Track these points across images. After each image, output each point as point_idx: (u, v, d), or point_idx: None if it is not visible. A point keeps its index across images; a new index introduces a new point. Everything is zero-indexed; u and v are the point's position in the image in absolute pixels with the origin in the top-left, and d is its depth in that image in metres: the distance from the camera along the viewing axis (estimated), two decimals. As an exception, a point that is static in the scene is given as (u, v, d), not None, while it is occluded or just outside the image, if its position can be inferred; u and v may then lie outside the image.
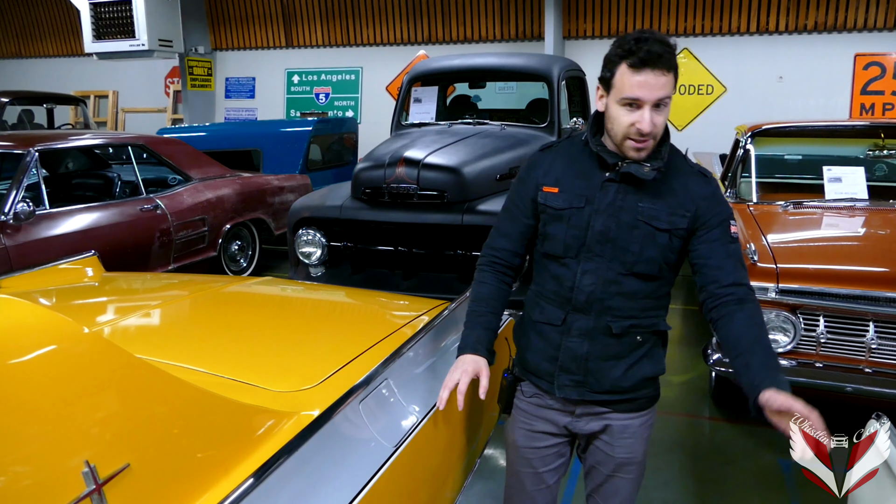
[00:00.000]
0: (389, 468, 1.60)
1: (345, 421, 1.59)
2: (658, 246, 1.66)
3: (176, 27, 9.34)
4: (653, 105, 1.56)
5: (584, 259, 1.70)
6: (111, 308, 2.50)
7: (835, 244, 3.77)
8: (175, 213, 5.45)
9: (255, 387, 1.66)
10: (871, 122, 6.36)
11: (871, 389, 3.01)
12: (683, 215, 1.65)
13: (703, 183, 1.70)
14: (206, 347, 2.01)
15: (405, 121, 5.60)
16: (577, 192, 1.70)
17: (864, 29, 8.18)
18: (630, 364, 1.72)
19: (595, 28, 9.18)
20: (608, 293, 1.68)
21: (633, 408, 1.78)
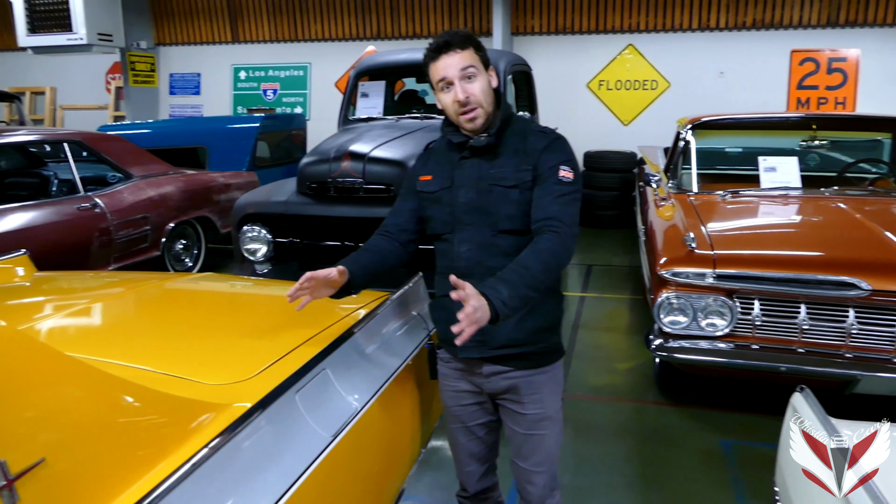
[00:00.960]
0: (327, 458, 1.59)
1: (280, 412, 1.57)
2: (513, 202, 1.85)
3: (116, 21, 9.07)
4: (461, 78, 1.82)
5: (459, 231, 1.91)
6: (41, 306, 2.41)
7: (769, 231, 3.89)
8: (115, 211, 5.31)
9: (187, 380, 1.63)
10: (804, 114, 6.58)
11: (804, 368, 3.11)
12: (526, 169, 1.84)
13: (541, 138, 1.88)
14: (140, 343, 1.96)
15: (352, 116, 5.56)
16: (445, 176, 1.95)
17: (800, 26, 8.45)
18: (521, 317, 1.82)
19: (543, 24, 9.26)
20: (486, 255, 1.86)
21: (534, 364, 1.91)
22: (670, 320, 3.30)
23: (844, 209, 3.83)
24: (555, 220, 1.77)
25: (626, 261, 6.84)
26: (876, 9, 8.15)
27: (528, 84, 6.36)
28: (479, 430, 2.06)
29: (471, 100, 1.82)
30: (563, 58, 9.24)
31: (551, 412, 1.95)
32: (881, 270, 3.03)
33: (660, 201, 4.43)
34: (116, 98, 11.31)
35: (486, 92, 1.85)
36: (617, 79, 9.16)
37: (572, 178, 1.83)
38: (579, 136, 8.89)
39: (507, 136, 1.90)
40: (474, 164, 1.91)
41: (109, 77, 11.55)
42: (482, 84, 1.84)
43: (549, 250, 1.73)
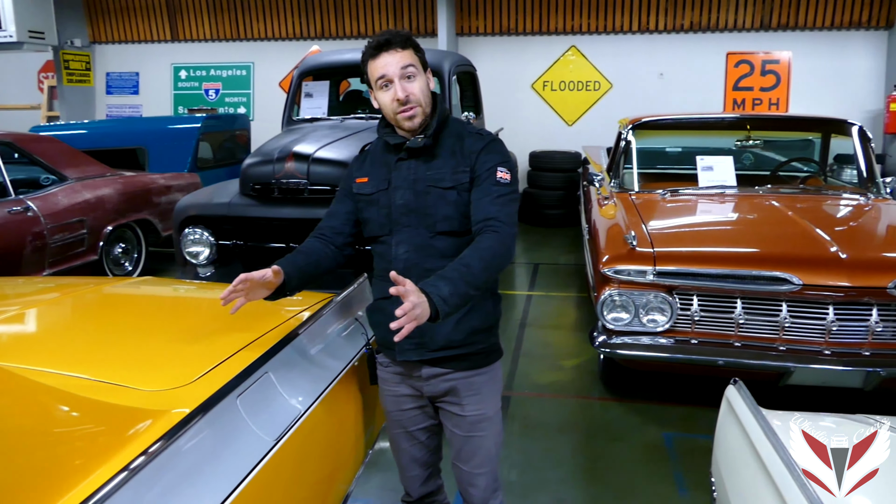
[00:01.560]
0: (269, 462, 1.58)
1: (220, 417, 1.54)
2: (450, 203, 1.86)
3: (48, 18, 8.74)
4: (401, 77, 1.82)
5: (396, 232, 1.91)
6: (-33, 314, 2.31)
7: (706, 228, 4.01)
8: (49, 215, 5.12)
9: (124, 387, 1.59)
10: (739, 115, 6.81)
11: (741, 361, 3.22)
12: (464, 171, 1.85)
13: (478, 140, 1.89)
14: (74, 351, 1.90)
15: (296, 116, 5.50)
16: (381, 177, 1.94)
17: (735, 29, 8.74)
18: (459, 318, 1.83)
19: (487, 25, 9.34)
20: (423, 256, 1.87)
21: (473, 364, 1.91)
22: (613, 317, 3.37)
23: (777, 207, 3.97)
24: (495, 221, 1.78)
25: (571, 259, 6.95)
26: (806, 13, 8.49)
27: (473, 84, 6.40)
28: (420, 435, 2.05)
29: (410, 98, 1.82)
30: (507, 58, 9.33)
31: (491, 413, 1.95)
32: (811, 265, 3.15)
33: (603, 200, 4.52)
34: (50, 97, 10.89)
35: (424, 92, 1.85)
36: (561, 80, 9.30)
37: (509, 178, 1.84)
38: (525, 136, 9.01)
39: (444, 138, 1.90)
40: (411, 165, 1.90)
41: (42, 76, 11.12)
42: (421, 84, 1.85)
43: (489, 249, 1.74)
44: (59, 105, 10.42)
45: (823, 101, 8.43)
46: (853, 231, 3.81)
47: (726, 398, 1.78)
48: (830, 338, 3.14)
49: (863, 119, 8.24)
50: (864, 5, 8.31)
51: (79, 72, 10.39)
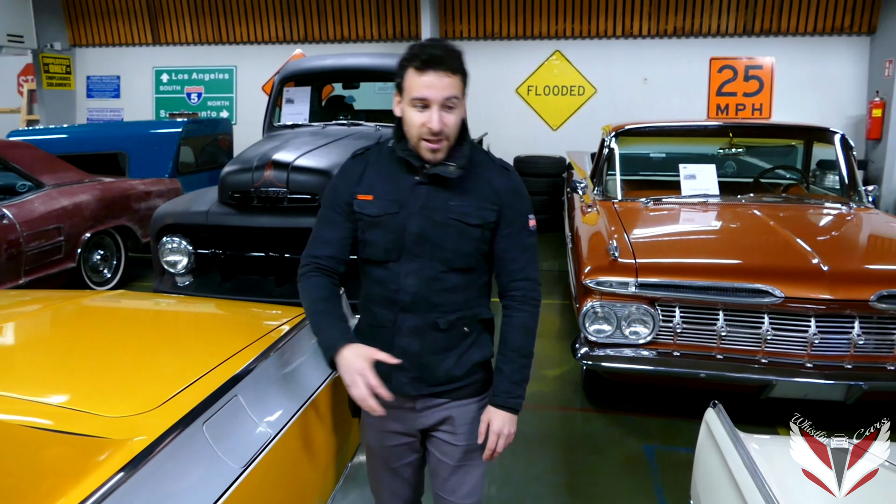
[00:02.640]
0: (237, 489, 1.53)
1: (185, 445, 1.49)
2: (472, 240, 1.75)
3: (27, 21, 8.63)
4: (441, 105, 1.64)
5: (405, 261, 1.75)
6: (-70, 332, 2.25)
7: (688, 238, 4.00)
8: (24, 222, 5.04)
9: (85, 413, 1.53)
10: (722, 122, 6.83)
11: (722, 374, 3.20)
12: (491, 209, 1.74)
13: (504, 176, 1.79)
14: (38, 371, 1.85)
15: (277, 122, 5.45)
16: (390, 198, 1.75)
17: (718, 34, 8.77)
18: (461, 353, 1.79)
19: (471, 29, 9.31)
20: (432, 291, 1.74)
21: (468, 393, 1.84)
22: (595, 329, 3.34)
23: (759, 216, 3.96)
24: (530, 282, 1.80)
25: (555, 265, 6.92)
26: (789, 18, 8.53)
27: (457, 90, 6.36)
28: (404, 471, 1.95)
29: (444, 132, 1.66)
30: (492, 63, 9.31)
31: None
32: (793, 278, 3.14)
33: (586, 208, 4.50)
34: (30, 101, 10.76)
35: (457, 125, 1.70)
36: (545, 84, 9.29)
37: (534, 226, 1.82)
38: (509, 140, 8.99)
39: (470, 168, 1.76)
40: (431, 192, 1.73)
41: (22, 79, 10.99)
42: (458, 116, 1.69)
43: (532, 318, 1.80)
44: (39, 109, 10.30)
45: (806, 106, 8.47)
46: (835, 242, 3.81)
47: (706, 421, 1.75)
48: (812, 350, 3.13)
49: (845, 124, 8.29)
50: (847, 11, 8.36)
51: (59, 75, 10.26)
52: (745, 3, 8.57)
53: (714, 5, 8.65)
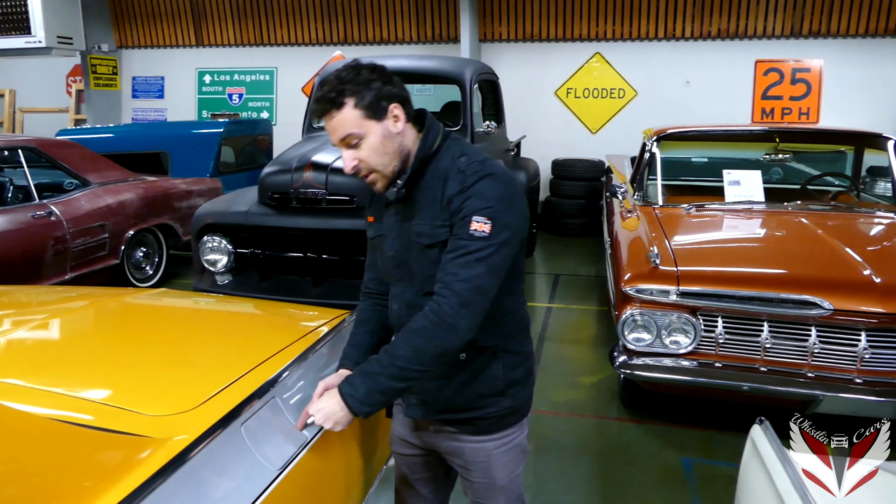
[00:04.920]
0: (273, 492, 1.52)
1: (224, 445, 1.50)
2: (432, 262, 1.59)
3: (76, 23, 8.84)
4: (344, 145, 1.55)
5: (393, 285, 1.73)
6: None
7: (732, 246, 3.89)
8: (71, 219, 5.16)
9: (127, 411, 1.55)
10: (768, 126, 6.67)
11: (766, 388, 3.10)
12: (443, 225, 1.57)
13: (456, 181, 1.56)
14: (84, 367, 1.88)
15: (317, 123, 5.48)
16: (380, 220, 1.73)
17: (764, 36, 8.57)
18: (462, 382, 1.67)
19: (510, 31, 9.27)
20: (413, 316, 1.59)
21: (479, 430, 1.72)
22: (634, 337, 3.28)
23: (807, 224, 3.85)
24: (444, 289, 1.51)
25: (592, 270, 6.85)
26: (839, 20, 8.29)
27: (495, 92, 6.34)
28: (420, 486, 1.91)
29: (360, 167, 1.56)
30: (530, 65, 9.25)
31: (502, 482, 1.75)
32: (843, 289, 3.03)
33: (625, 213, 4.43)
34: (77, 101, 11.04)
35: (378, 151, 1.55)
36: (585, 87, 9.19)
37: (488, 230, 1.49)
38: (547, 144, 8.93)
39: (426, 181, 1.60)
40: (398, 212, 1.66)
41: (70, 80, 11.27)
42: (371, 144, 1.54)
43: (422, 332, 1.51)
44: (86, 108, 10.55)
45: (856, 110, 8.22)
46: (887, 252, 3.67)
47: (751, 439, 1.69)
48: (862, 365, 3.02)
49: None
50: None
51: (106, 76, 10.51)
52: (792, 4, 8.36)
53: (760, 7, 8.46)
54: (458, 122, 5.26)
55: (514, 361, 1.72)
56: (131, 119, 10.91)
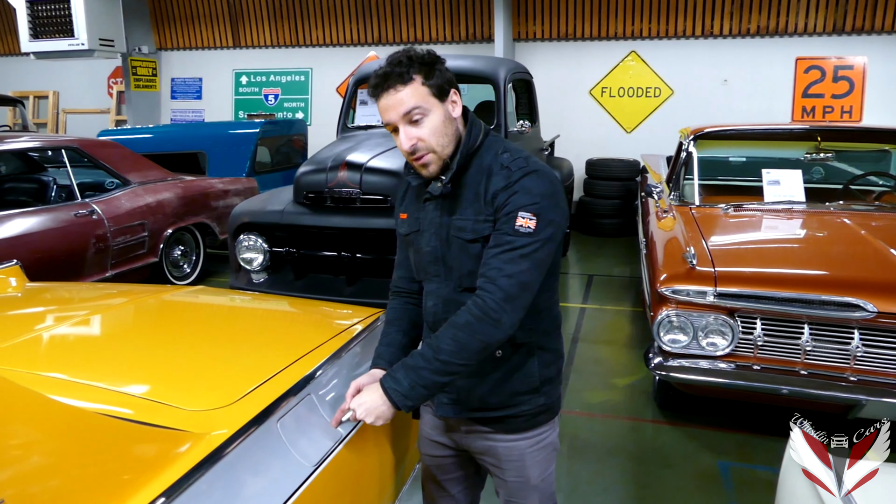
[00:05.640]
0: (308, 488, 1.54)
1: (260, 441, 1.52)
2: (473, 258, 1.60)
3: (118, 26, 9.05)
4: (406, 122, 1.54)
5: (427, 280, 1.72)
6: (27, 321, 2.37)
7: (772, 247, 3.81)
8: (112, 218, 5.28)
9: (167, 405, 1.58)
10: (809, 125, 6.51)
11: (806, 391, 3.03)
12: (486, 220, 1.57)
13: (502, 176, 1.56)
14: (124, 362, 1.91)
15: (351, 123, 5.52)
16: (415, 217, 1.72)
17: (805, 33, 8.38)
18: (497, 380, 1.66)
19: (545, 30, 9.22)
20: (449, 312, 1.61)
21: (512, 428, 1.72)
22: (670, 339, 3.23)
23: (850, 225, 3.75)
24: (489, 284, 1.51)
25: (626, 271, 6.77)
26: (883, 15, 8.07)
27: (529, 92, 6.31)
28: (451, 486, 1.90)
29: (419, 146, 1.55)
30: (565, 64, 9.19)
31: (535, 480, 1.75)
32: (887, 291, 2.95)
33: (661, 213, 4.37)
34: (118, 102, 11.30)
35: (438, 131, 1.55)
36: (620, 86, 9.10)
37: (533, 226, 1.50)
38: (581, 143, 8.86)
39: (469, 177, 1.61)
40: (437, 207, 1.65)
41: (112, 81, 11.54)
42: (434, 122, 1.54)
43: (466, 327, 1.50)
44: (126, 109, 10.77)
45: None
46: (933, 253, 3.56)
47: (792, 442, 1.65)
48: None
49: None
50: (948, 7, 7.86)
51: (146, 77, 10.72)
52: (835, 0, 8.16)
53: (801, 3, 8.27)
54: (491, 121, 5.25)
55: (549, 359, 1.73)
56: (170, 120, 11.12)
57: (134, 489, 1.24)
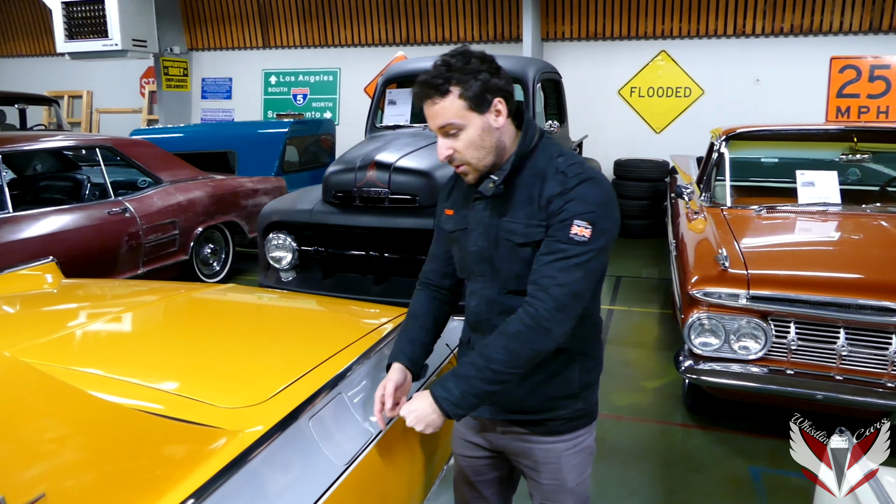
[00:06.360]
0: (339, 487, 1.54)
1: (292, 439, 1.53)
2: (522, 261, 1.58)
3: (150, 27, 9.20)
4: (442, 133, 1.54)
5: (471, 280, 1.70)
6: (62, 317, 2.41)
7: (806, 250, 3.74)
8: (144, 216, 5.35)
9: (200, 402, 1.59)
10: (844, 125, 6.38)
11: (842, 397, 2.98)
12: (539, 225, 1.55)
13: (557, 182, 1.54)
14: (157, 359, 1.94)
15: (380, 123, 5.54)
16: (462, 214, 1.70)
17: (840, 32, 8.22)
18: (536, 383, 1.65)
19: (573, 30, 9.16)
20: (492, 313, 1.63)
21: (550, 431, 1.70)
22: (701, 342, 3.19)
23: (887, 228, 3.67)
24: (541, 292, 1.49)
25: (655, 273, 6.71)
26: (921, 15, 7.89)
27: (558, 92, 6.27)
28: (484, 488, 1.88)
29: (455, 157, 1.56)
30: (594, 64, 9.12)
31: (572, 485, 1.72)
32: (926, 296, 2.89)
33: (692, 215, 4.31)
34: (150, 102, 11.47)
35: (474, 144, 1.54)
36: (649, 85, 9.01)
37: (588, 235, 1.48)
38: (609, 143, 8.80)
39: (523, 179, 1.58)
40: (487, 207, 1.63)
41: (144, 81, 11.71)
42: (469, 136, 1.53)
43: (518, 336, 1.49)
44: (158, 109, 10.94)
45: (939, 109, 7.82)
46: (975, 257, 3.47)
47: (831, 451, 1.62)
48: (947, 376, 2.87)
49: (984, 129, 7.58)
50: None
51: (177, 77, 10.87)
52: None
53: (837, 1, 8.12)
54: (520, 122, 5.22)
55: (590, 365, 1.72)
56: (200, 119, 11.26)
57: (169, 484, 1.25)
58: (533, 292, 1.52)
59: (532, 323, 1.49)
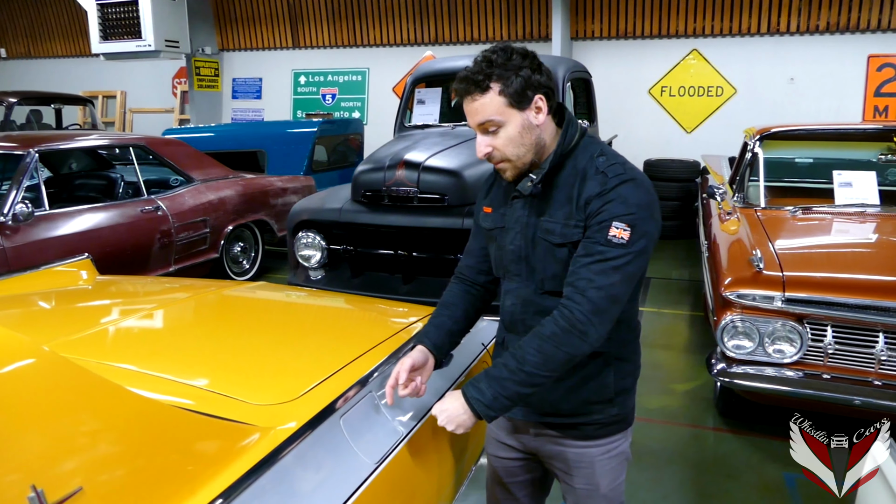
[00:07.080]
0: (370, 486, 1.54)
1: (324, 437, 1.53)
2: (559, 262, 1.55)
3: (183, 28, 9.33)
4: (481, 130, 1.53)
5: (507, 279, 1.68)
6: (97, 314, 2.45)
7: (844, 252, 3.66)
8: (176, 214, 5.42)
9: (232, 399, 1.60)
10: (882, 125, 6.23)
11: (881, 403, 2.90)
12: (577, 225, 1.51)
13: (596, 182, 1.50)
14: (189, 355, 1.95)
15: (408, 122, 5.54)
16: (500, 213, 1.68)
17: (878, 29, 8.04)
18: (570, 386, 1.62)
19: (602, 29, 9.08)
20: (527, 313, 1.62)
21: (584, 435, 1.68)
22: (734, 344, 3.13)
23: (928, 229, 3.58)
24: (577, 294, 1.46)
25: (685, 274, 6.62)
26: (963, 12, 7.68)
27: (588, 91, 6.22)
28: (516, 490, 1.86)
29: (493, 154, 1.55)
30: (624, 63, 9.04)
31: (605, 490, 1.70)
32: (970, 299, 2.80)
33: (724, 215, 4.24)
34: (182, 102, 11.62)
35: (514, 141, 1.52)
36: (680, 85, 8.90)
37: (627, 238, 1.44)
38: (640, 143, 8.71)
39: (562, 178, 1.56)
40: (525, 206, 1.61)
41: (176, 81, 11.88)
42: (509, 133, 1.51)
43: (552, 339, 1.47)
44: (189, 109, 11.09)
45: (981, 108, 7.61)
46: None
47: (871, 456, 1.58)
48: None
49: None
50: None
51: (208, 78, 11.01)
52: (911, -5, 7.81)
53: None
54: (549, 120, 5.19)
55: (626, 370, 1.68)
56: (231, 119, 11.39)
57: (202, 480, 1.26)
58: (569, 294, 1.49)
59: (567, 326, 1.47)
